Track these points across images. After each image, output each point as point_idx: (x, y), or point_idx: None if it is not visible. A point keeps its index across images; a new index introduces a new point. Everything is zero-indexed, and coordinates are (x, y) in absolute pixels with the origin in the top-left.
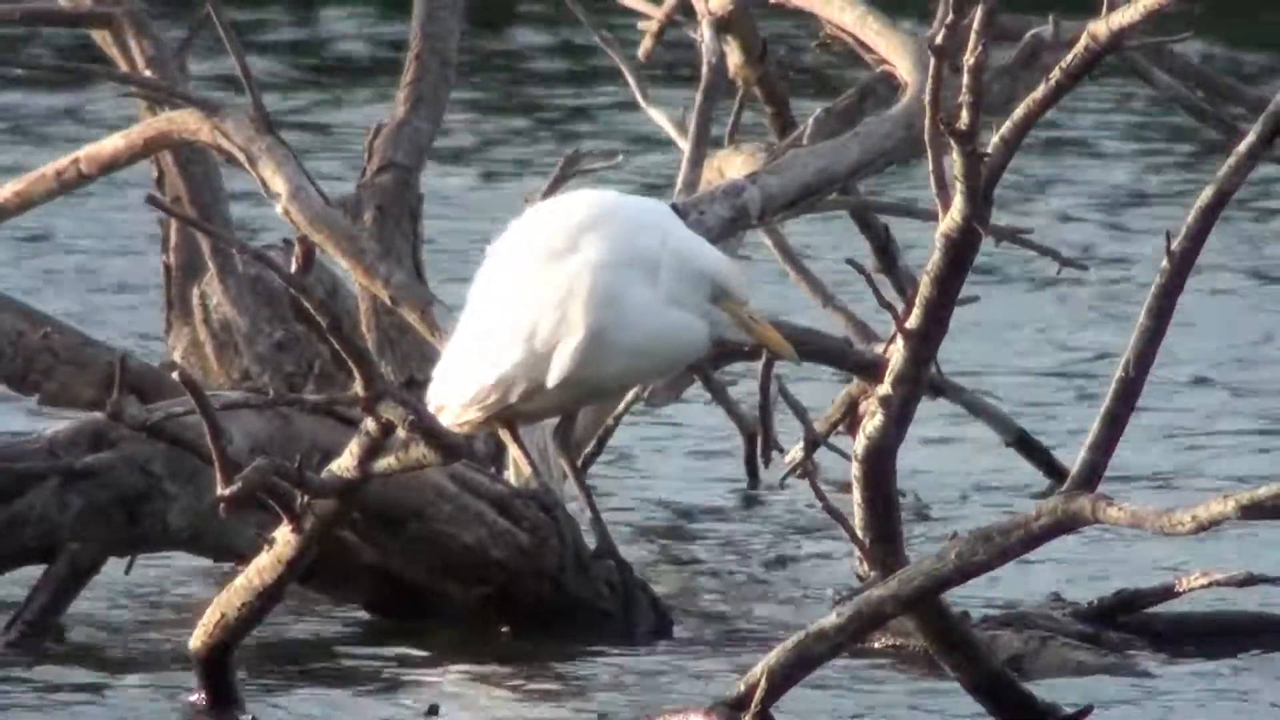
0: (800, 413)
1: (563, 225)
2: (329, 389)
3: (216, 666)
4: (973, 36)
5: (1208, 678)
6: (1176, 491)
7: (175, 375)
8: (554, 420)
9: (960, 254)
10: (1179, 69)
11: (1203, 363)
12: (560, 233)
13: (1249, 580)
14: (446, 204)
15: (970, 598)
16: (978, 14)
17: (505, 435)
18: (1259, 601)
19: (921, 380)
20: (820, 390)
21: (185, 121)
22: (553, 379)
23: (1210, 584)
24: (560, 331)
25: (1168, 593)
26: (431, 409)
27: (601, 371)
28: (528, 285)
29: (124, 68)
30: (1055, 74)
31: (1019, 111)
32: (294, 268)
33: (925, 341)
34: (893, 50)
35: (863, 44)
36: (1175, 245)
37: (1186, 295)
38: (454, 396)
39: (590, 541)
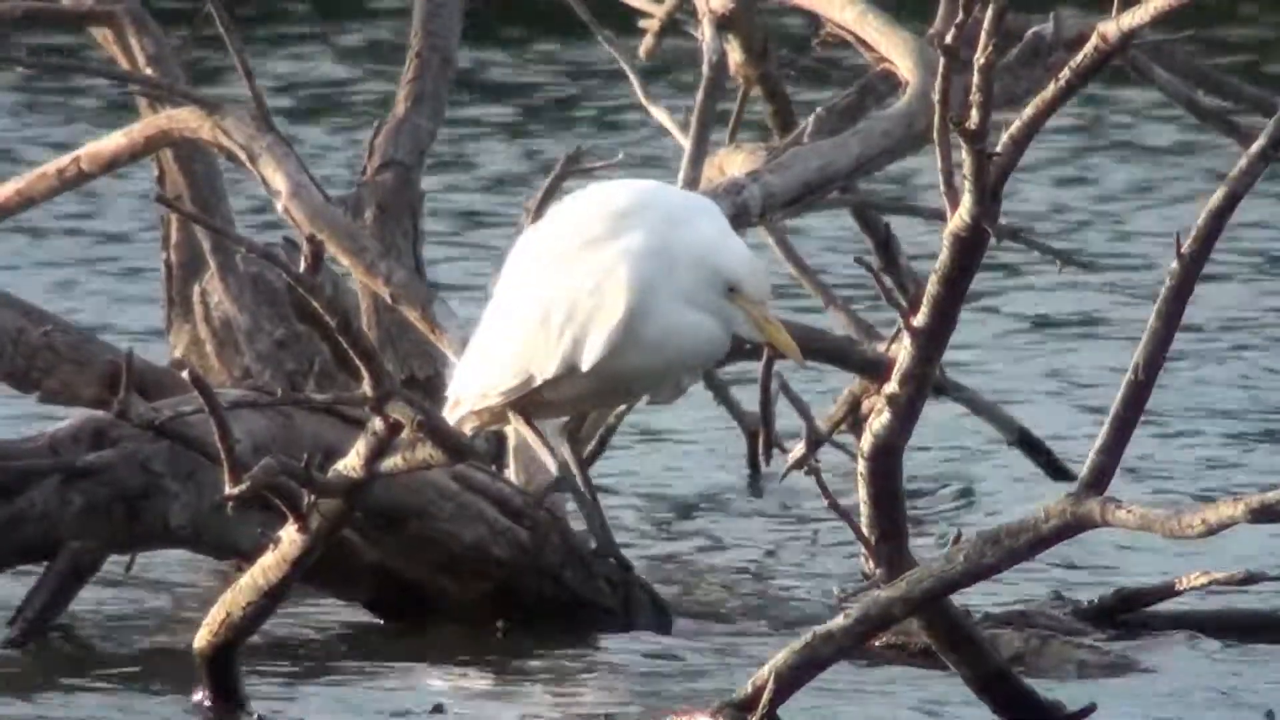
0: (803, 410)
1: (602, 212)
2: (330, 387)
3: (221, 665)
4: (983, 36)
5: (1208, 675)
6: (1180, 492)
7: (184, 374)
8: (560, 419)
9: (968, 253)
10: (1180, 67)
11: (1208, 362)
12: (600, 220)
13: (1249, 579)
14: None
15: (971, 596)
16: (988, 14)
17: (523, 427)
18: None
19: (929, 378)
20: (820, 388)
21: (186, 119)
22: (587, 363)
23: (1210, 583)
24: (594, 316)
25: (1168, 591)
26: (453, 396)
27: (626, 363)
28: (565, 270)
29: (125, 66)
30: (1065, 73)
31: (1028, 111)
32: (302, 267)
33: (933, 339)
34: (893, 48)
35: (863, 42)
36: (1185, 248)
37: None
38: (480, 380)
39: (591, 540)
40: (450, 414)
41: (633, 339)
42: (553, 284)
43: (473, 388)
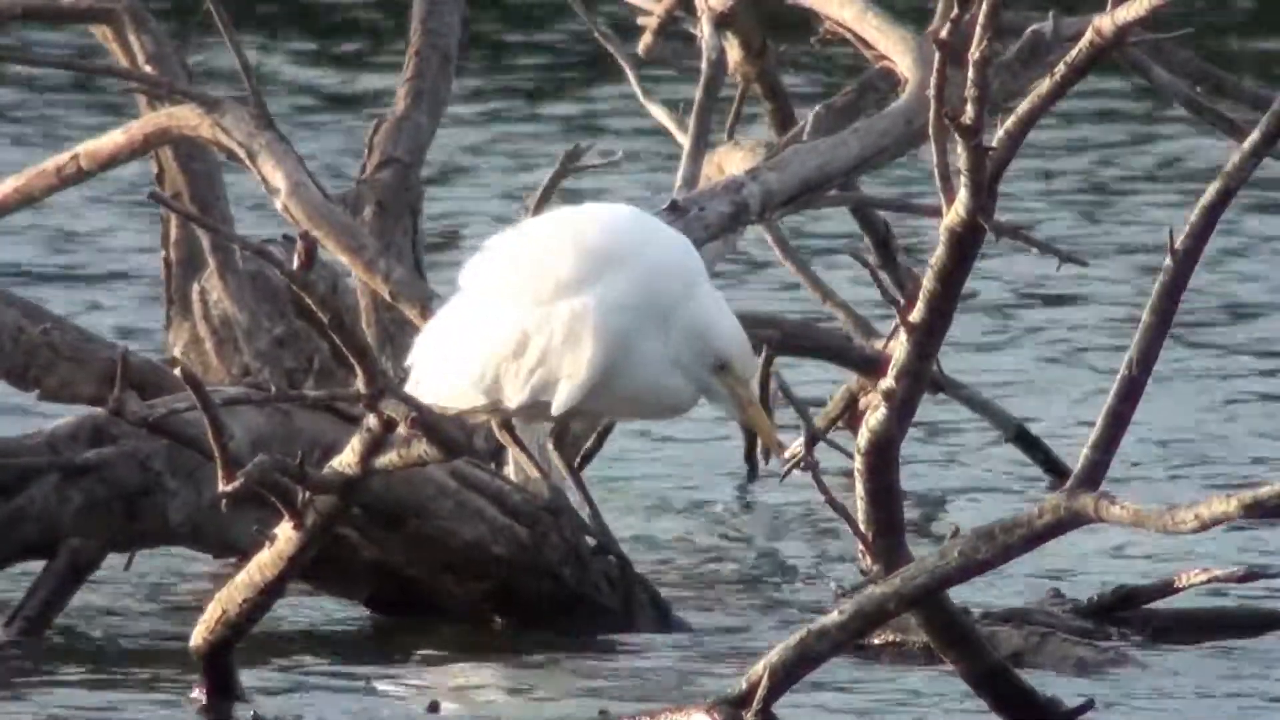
0: (800, 408)
1: (583, 250)
2: (329, 385)
3: (218, 662)
4: (978, 30)
5: (1206, 673)
6: (1178, 488)
7: (177, 371)
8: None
9: (964, 248)
10: (1178, 65)
11: (1202, 361)
12: (580, 258)
13: (1248, 576)
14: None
15: (971, 594)
16: (982, 8)
17: (505, 438)
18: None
19: (924, 374)
20: (817, 383)
21: (185, 117)
22: (556, 409)
23: (1209, 580)
24: (566, 367)
25: (1167, 589)
26: (415, 376)
27: (597, 406)
28: (541, 306)
29: (125, 63)
30: (1060, 68)
31: (1023, 106)
32: (295, 264)
33: (929, 335)
34: (892, 46)
35: (862, 40)
36: (1179, 243)
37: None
38: (447, 385)
39: (590, 538)
40: (411, 389)
41: (604, 390)
42: (527, 317)
43: (438, 388)
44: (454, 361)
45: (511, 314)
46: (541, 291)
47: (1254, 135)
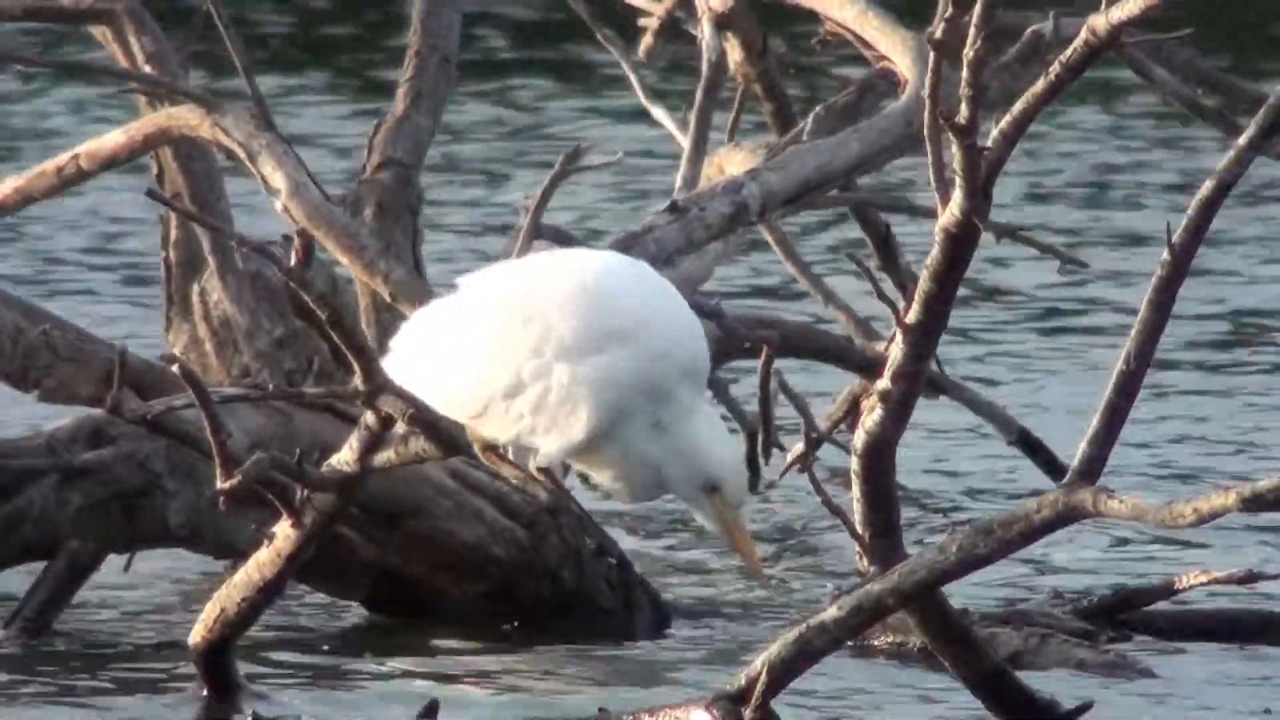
0: (801, 408)
1: (591, 318)
2: (328, 385)
3: (216, 661)
4: (971, 30)
5: (1207, 674)
6: (1176, 485)
7: (175, 369)
8: None
9: (959, 249)
10: (1177, 64)
11: (1201, 354)
12: (585, 326)
13: (1249, 577)
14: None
15: (970, 594)
16: (977, 9)
17: (488, 457)
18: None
19: (921, 375)
20: (820, 387)
21: (185, 117)
22: (541, 461)
23: (1210, 581)
24: (558, 427)
25: (1167, 590)
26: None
27: (578, 461)
28: (540, 363)
29: (124, 64)
30: (1055, 68)
31: (1019, 106)
32: (293, 260)
33: (924, 336)
34: (892, 46)
35: (862, 40)
36: (1175, 238)
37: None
38: (432, 391)
39: (589, 539)
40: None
41: (590, 452)
42: (525, 365)
43: (424, 390)
44: (444, 379)
45: (510, 354)
46: (542, 346)
47: (1249, 130)
